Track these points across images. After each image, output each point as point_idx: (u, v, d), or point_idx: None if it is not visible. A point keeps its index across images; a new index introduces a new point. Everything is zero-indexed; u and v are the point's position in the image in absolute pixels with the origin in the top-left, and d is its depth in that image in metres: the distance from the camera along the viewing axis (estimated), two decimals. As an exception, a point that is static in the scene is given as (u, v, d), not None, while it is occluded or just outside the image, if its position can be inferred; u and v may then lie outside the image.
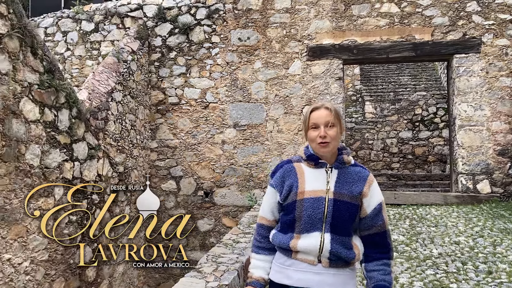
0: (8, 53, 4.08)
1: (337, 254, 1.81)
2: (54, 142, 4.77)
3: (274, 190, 1.97)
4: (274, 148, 7.49)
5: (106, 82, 6.17)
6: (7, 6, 4.08)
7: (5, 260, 4.03)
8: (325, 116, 1.88)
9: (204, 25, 7.81)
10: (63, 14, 8.46)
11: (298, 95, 7.41)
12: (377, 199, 1.91)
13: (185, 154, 7.71)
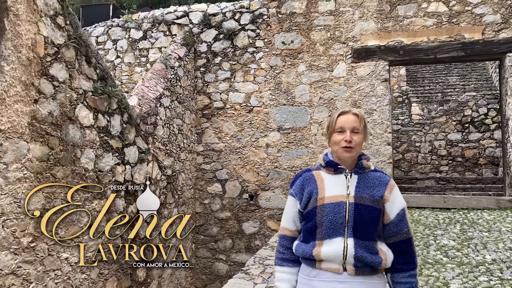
0: (65, 62, 4.30)
1: (362, 259, 1.75)
2: (107, 147, 4.98)
3: (294, 199, 1.96)
4: (318, 151, 7.46)
5: (155, 88, 6.37)
6: (64, 18, 4.31)
7: (63, 258, 4.24)
8: (352, 121, 1.87)
9: (248, 30, 7.90)
10: (113, 23, 8.80)
11: (342, 97, 7.35)
12: (400, 204, 1.88)
13: (230, 157, 7.82)
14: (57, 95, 4.17)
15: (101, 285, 4.86)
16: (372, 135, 7.16)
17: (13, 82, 3.62)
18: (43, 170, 3.98)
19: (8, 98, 3.56)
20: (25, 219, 3.75)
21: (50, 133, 4.07)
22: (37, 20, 3.93)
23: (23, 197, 3.74)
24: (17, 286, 3.66)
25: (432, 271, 4.14)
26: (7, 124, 3.56)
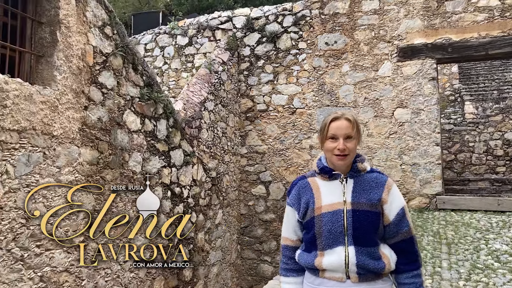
0: (113, 70, 4.51)
1: (365, 267, 1.72)
2: (154, 150, 5.16)
3: (292, 208, 1.91)
4: (363, 153, 7.35)
5: (199, 93, 6.52)
6: (112, 28, 4.52)
7: (113, 257, 4.44)
8: (345, 128, 1.81)
9: (291, 32, 7.92)
10: (160, 31, 9.09)
11: (388, 97, 7.21)
12: (399, 203, 1.82)
13: (274, 159, 7.86)
14: (105, 102, 4.39)
15: (148, 284, 5.04)
16: (420, 136, 6.97)
17: (64, 90, 3.84)
18: (93, 173, 4.20)
19: (60, 105, 3.78)
20: (77, 220, 3.96)
21: (99, 138, 4.28)
22: (86, 31, 4.15)
23: (75, 198, 3.96)
24: (70, 283, 3.88)
25: (482, 277, 3.98)
26: (60, 130, 3.78)
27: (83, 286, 4.03)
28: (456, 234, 5.28)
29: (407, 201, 6.99)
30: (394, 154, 7.12)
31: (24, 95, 3.42)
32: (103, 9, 4.42)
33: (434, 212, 6.58)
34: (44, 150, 3.63)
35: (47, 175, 3.66)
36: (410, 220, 1.86)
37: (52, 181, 3.71)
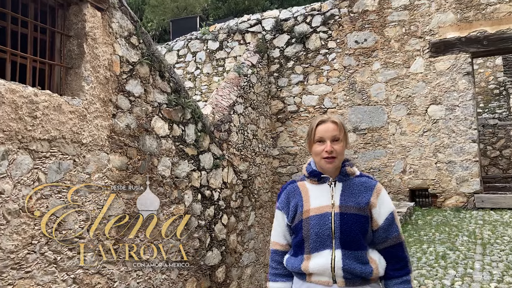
0: (140, 78, 4.66)
1: (351, 271, 1.70)
2: (183, 154, 5.28)
3: (281, 212, 1.90)
4: (397, 152, 7.20)
5: (228, 96, 6.61)
6: (138, 37, 4.67)
7: (144, 260, 4.58)
8: (332, 130, 1.81)
9: (320, 31, 7.88)
10: (192, 36, 9.27)
11: (421, 94, 7.03)
12: (388, 208, 1.79)
13: (306, 160, 7.82)
14: (133, 109, 4.53)
15: (180, 285, 5.15)
16: (455, 132, 6.75)
17: (92, 99, 4.00)
18: (123, 179, 4.35)
19: (88, 114, 3.95)
20: (108, 224, 4.12)
21: (128, 144, 4.43)
22: (112, 42, 4.31)
23: (105, 203, 4.11)
24: (102, 284, 4.03)
25: (518, 278, 3.83)
26: (89, 138, 3.95)
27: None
28: (493, 234, 5.09)
29: (443, 200, 6.80)
30: (429, 152, 6.93)
31: (53, 106, 3.60)
32: (129, 19, 4.57)
33: (472, 211, 6.35)
34: (74, 157, 3.80)
35: (77, 181, 3.83)
36: (400, 225, 1.84)
37: (83, 187, 3.88)
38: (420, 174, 7.00)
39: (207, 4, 27.60)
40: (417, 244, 5.01)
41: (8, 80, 3.46)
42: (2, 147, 3.20)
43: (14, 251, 3.25)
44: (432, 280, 3.83)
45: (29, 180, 3.39)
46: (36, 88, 3.55)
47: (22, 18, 3.69)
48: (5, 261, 3.18)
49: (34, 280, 3.39)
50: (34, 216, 3.41)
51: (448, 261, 4.32)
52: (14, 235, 3.26)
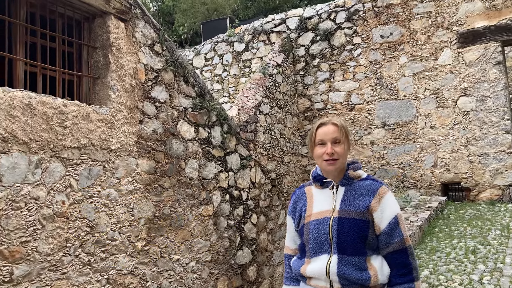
0: (165, 84, 4.81)
1: (346, 277, 1.66)
2: (209, 156, 5.40)
3: (290, 217, 1.92)
4: (427, 146, 7.08)
5: (254, 97, 6.69)
6: (161, 45, 4.82)
7: (174, 260, 4.73)
8: (332, 132, 1.79)
9: (345, 28, 7.84)
10: (218, 39, 9.41)
11: (450, 86, 6.89)
12: (391, 212, 1.73)
13: (335, 157, 7.80)
14: (159, 114, 4.69)
15: (212, 284, 5.28)
16: (487, 124, 6.58)
17: (119, 107, 4.18)
18: (151, 182, 4.51)
19: (116, 121, 4.12)
20: (138, 226, 4.29)
21: (155, 149, 4.59)
22: (136, 51, 4.48)
23: (135, 206, 4.28)
24: (135, 284, 4.20)
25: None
26: (117, 144, 4.12)
27: (147, 287, 4.35)
28: (528, 228, 4.95)
29: (477, 194, 6.64)
30: (460, 145, 6.78)
31: (82, 115, 3.78)
32: (152, 28, 4.72)
33: (508, 204, 6.18)
34: (103, 163, 3.98)
35: (108, 186, 4.01)
36: (405, 229, 1.77)
37: (113, 191, 4.06)
38: (452, 168, 6.86)
39: (236, 5, 27.77)
40: (447, 239, 4.93)
41: (40, 93, 3.67)
42: (35, 156, 3.40)
43: (50, 254, 3.45)
44: (460, 275, 3.78)
45: (61, 186, 3.58)
46: (66, 99, 3.74)
47: (51, 33, 3.90)
48: (42, 263, 3.38)
49: (70, 281, 3.59)
50: (67, 220, 3.61)
51: (478, 256, 4.25)
52: (49, 238, 3.46)
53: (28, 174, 3.34)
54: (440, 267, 4.02)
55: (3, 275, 3.13)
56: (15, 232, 3.22)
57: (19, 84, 3.61)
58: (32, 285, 3.31)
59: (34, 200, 3.36)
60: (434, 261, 4.23)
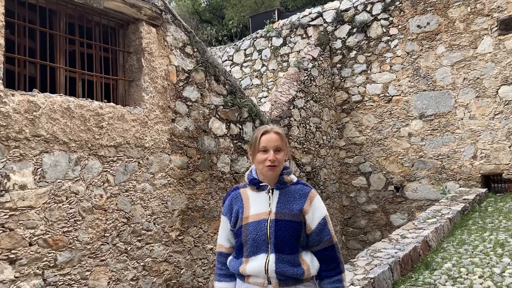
0: (196, 84, 5.08)
1: (283, 273, 1.82)
2: (241, 151, 5.63)
3: (225, 218, 2.01)
4: (466, 136, 6.92)
5: (288, 92, 6.84)
6: (192, 46, 5.09)
7: (208, 249, 5.02)
8: (275, 141, 1.91)
9: (381, 19, 7.77)
10: (257, 35, 9.59)
11: (490, 75, 6.68)
12: (320, 214, 1.88)
13: (372, 150, 7.81)
14: (191, 113, 4.97)
15: (245, 273, 5.53)
16: (530, 113, 6.35)
17: (152, 107, 4.49)
18: (184, 176, 4.81)
19: (149, 121, 4.44)
20: (172, 217, 4.61)
21: (187, 145, 4.88)
22: (168, 54, 4.77)
23: (169, 199, 4.60)
24: (169, 271, 4.53)
25: None
26: (151, 142, 4.44)
27: (182, 274, 4.66)
28: None
29: (519, 186, 6.44)
30: (501, 136, 6.58)
31: (117, 116, 4.12)
32: (182, 31, 5.00)
33: (552, 196, 5.96)
34: (138, 160, 4.32)
35: (143, 180, 4.35)
36: (332, 229, 1.93)
37: (148, 185, 4.39)
38: (492, 159, 6.67)
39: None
40: (479, 232, 4.87)
41: (79, 97, 4.04)
42: (75, 154, 3.77)
43: (90, 243, 3.83)
44: (482, 268, 3.77)
45: (99, 181, 3.95)
46: (102, 101, 4.10)
47: (88, 41, 4.27)
48: (83, 251, 3.76)
49: (108, 267, 3.96)
50: (105, 212, 3.97)
51: (506, 249, 4.19)
52: (89, 229, 3.83)
53: (68, 171, 3.72)
54: (464, 260, 4.02)
55: (48, 261, 3.53)
56: (57, 223, 3.61)
57: (60, 89, 4.00)
58: (74, 270, 3.70)
59: (74, 194, 3.74)
60: (460, 254, 4.22)
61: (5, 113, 3.30)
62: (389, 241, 4.38)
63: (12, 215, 3.32)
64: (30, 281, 3.40)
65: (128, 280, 4.12)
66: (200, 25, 22.18)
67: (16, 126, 3.37)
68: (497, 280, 3.50)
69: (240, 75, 9.57)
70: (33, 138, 3.49)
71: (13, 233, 3.31)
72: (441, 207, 5.60)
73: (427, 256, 4.23)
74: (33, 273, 3.42)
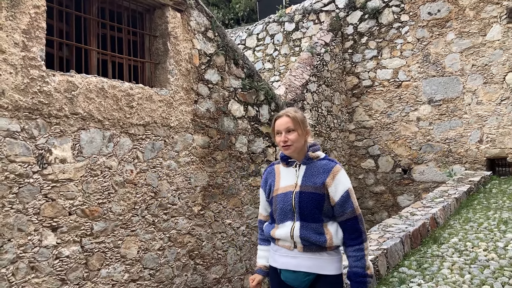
0: (217, 67, 5.32)
1: (307, 239, 2.04)
2: (258, 132, 5.89)
3: (262, 190, 2.31)
4: (473, 121, 7.15)
5: (301, 76, 7.07)
6: (213, 31, 5.32)
7: (227, 224, 5.32)
8: (285, 123, 2.12)
9: (392, 6, 7.94)
10: (270, 20, 9.77)
11: (498, 62, 6.89)
12: (343, 187, 2.07)
13: (381, 133, 8.06)
14: (212, 95, 5.22)
15: (260, 247, 5.84)
16: (536, 99, 6.56)
17: (177, 89, 4.74)
18: (205, 155, 5.08)
19: (174, 102, 4.70)
20: (195, 193, 4.89)
21: (208, 126, 5.14)
22: (191, 38, 5.01)
23: (192, 176, 4.88)
24: (192, 243, 4.84)
25: None
26: (175, 122, 4.71)
27: (203, 246, 4.97)
28: None
29: (523, 169, 6.70)
30: (507, 121, 6.81)
31: (146, 97, 4.38)
32: (204, 16, 5.22)
33: (556, 179, 6.21)
34: (164, 138, 4.59)
35: (168, 158, 4.62)
36: (355, 201, 2.11)
37: (173, 163, 4.67)
38: (498, 143, 6.92)
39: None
40: (484, 211, 5.15)
41: (110, 78, 4.29)
42: (108, 132, 4.05)
43: (122, 214, 4.12)
44: (486, 242, 4.05)
45: (130, 157, 4.23)
46: (131, 82, 4.35)
47: (118, 25, 4.50)
48: (115, 221, 4.06)
49: (138, 237, 4.26)
50: (135, 186, 4.26)
51: (510, 226, 4.46)
52: (121, 201, 4.12)
53: (102, 147, 4.00)
54: (469, 235, 4.30)
55: (85, 230, 3.82)
56: (93, 195, 3.90)
57: (93, 70, 4.26)
58: (108, 239, 4.00)
59: (108, 169, 4.02)
60: (465, 230, 4.50)
61: (47, 92, 3.57)
62: (399, 217, 4.66)
63: (54, 187, 3.60)
64: (70, 248, 3.70)
65: (155, 249, 4.43)
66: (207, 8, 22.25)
67: (57, 104, 3.63)
68: (501, 253, 3.78)
69: (253, 59, 9.78)
70: (72, 116, 3.75)
71: (55, 203, 3.60)
72: (447, 188, 5.87)
73: (435, 231, 4.51)
74: (72, 240, 3.72)
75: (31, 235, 3.43)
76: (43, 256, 3.50)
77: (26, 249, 3.39)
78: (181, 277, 4.69)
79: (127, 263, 4.15)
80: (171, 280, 4.57)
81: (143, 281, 4.29)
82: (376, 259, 3.45)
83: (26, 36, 3.45)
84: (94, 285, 3.86)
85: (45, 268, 3.51)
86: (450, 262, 3.65)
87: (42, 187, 3.51)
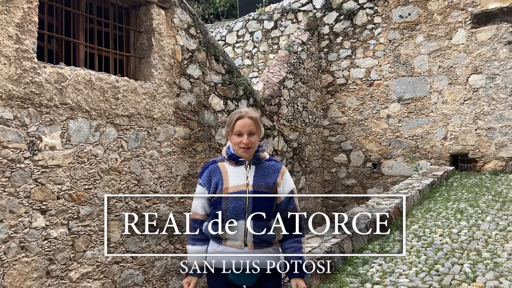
0: (198, 63, 5.59)
1: (260, 237, 2.10)
2: (236, 126, 6.18)
3: (203, 188, 2.23)
4: (439, 119, 7.61)
5: (279, 73, 7.39)
6: (195, 28, 5.58)
7: (205, 212, 5.60)
8: (248, 125, 2.13)
9: (367, 8, 8.33)
10: (249, 17, 10.06)
11: (462, 64, 7.35)
12: (289, 187, 2.21)
13: (353, 129, 8.46)
14: (193, 89, 5.49)
15: (237, 235, 6.15)
16: (495, 100, 7.05)
17: (160, 83, 5.00)
18: (186, 146, 5.35)
19: (157, 95, 4.95)
20: (175, 181, 5.17)
21: (190, 118, 5.41)
22: (174, 34, 5.26)
23: (173, 165, 5.15)
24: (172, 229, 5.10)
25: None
26: (158, 114, 4.96)
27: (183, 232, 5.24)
28: (518, 194, 5.52)
29: (482, 165, 7.20)
30: (469, 120, 7.29)
31: (130, 89, 4.63)
32: (187, 13, 5.47)
33: (510, 174, 6.71)
34: (147, 129, 4.84)
35: (151, 148, 4.88)
36: (297, 201, 2.24)
37: (155, 152, 4.93)
38: (460, 141, 7.40)
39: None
40: (444, 202, 5.58)
41: (96, 70, 4.52)
42: (95, 122, 4.28)
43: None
44: (442, 229, 4.46)
45: (115, 146, 4.47)
46: (117, 75, 4.59)
47: (105, 20, 4.73)
48: (100, 206, 4.30)
49: (121, 222, 4.51)
50: (119, 174, 4.51)
51: (464, 215, 4.90)
52: (106, 187, 4.37)
53: (89, 136, 4.23)
54: (428, 223, 4.71)
55: (72, 213, 4.06)
56: (80, 181, 4.13)
57: (80, 63, 4.47)
58: (93, 223, 4.24)
59: (94, 157, 4.26)
60: (425, 218, 4.91)
61: (39, 82, 3.78)
62: (366, 206, 5.04)
63: (44, 172, 3.82)
64: (58, 230, 3.93)
65: (137, 234, 4.69)
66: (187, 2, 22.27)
67: (47, 94, 3.85)
68: (454, 237, 4.19)
69: (232, 55, 10.05)
70: (61, 106, 3.97)
71: (44, 187, 3.82)
72: (412, 181, 6.30)
73: (398, 219, 4.91)
74: (60, 222, 3.95)
75: (22, 217, 3.65)
76: (33, 236, 3.73)
77: (17, 230, 3.61)
78: (162, 261, 4.96)
79: (111, 245, 4.40)
80: (152, 263, 4.84)
81: (126, 263, 4.55)
82: (342, 242, 3.81)
83: (20, 30, 3.66)
84: (79, 265, 4.11)
85: (35, 248, 3.74)
86: (409, 245, 4.04)
87: (33, 172, 3.73)
